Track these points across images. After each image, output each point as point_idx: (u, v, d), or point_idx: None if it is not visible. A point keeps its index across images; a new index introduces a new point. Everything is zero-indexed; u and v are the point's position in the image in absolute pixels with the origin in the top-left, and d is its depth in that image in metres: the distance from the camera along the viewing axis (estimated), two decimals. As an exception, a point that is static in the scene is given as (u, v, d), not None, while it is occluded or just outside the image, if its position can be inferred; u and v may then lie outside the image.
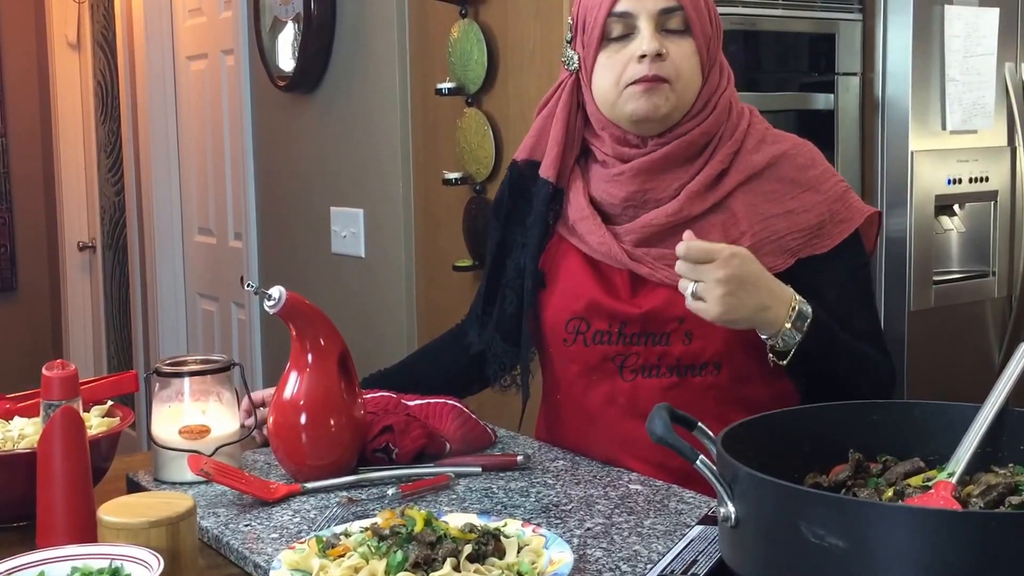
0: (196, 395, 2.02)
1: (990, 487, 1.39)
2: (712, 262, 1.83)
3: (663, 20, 2.00)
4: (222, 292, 5.20)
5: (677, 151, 2.04)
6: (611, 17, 2.02)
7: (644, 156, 2.06)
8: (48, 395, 1.68)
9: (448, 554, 1.45)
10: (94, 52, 6.25)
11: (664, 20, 2.00)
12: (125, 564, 1.46)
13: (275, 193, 4.55)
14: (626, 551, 1.63)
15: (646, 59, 1.98)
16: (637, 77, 2.00)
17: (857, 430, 1.57)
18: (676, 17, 2.00)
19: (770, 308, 1.88)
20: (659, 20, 2.00)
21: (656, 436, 1.38)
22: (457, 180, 3.50)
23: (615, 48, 2.03)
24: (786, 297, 1.90)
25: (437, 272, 3.71)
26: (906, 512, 1.27)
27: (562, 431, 2.20)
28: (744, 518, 1.34)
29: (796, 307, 1.90)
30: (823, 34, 3.53)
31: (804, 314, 1.90)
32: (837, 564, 1.23)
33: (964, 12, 3.56)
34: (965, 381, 3.54)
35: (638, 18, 2.00)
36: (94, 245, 6.48)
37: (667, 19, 2.00)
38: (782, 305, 1.89)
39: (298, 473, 1.97)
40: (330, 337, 2.00)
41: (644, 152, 2.06)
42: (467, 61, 3.43)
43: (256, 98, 4.59)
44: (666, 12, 2.00)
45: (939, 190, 3.57)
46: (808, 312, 1.91)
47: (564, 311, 2.13)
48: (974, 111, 3.62)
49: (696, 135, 2.04)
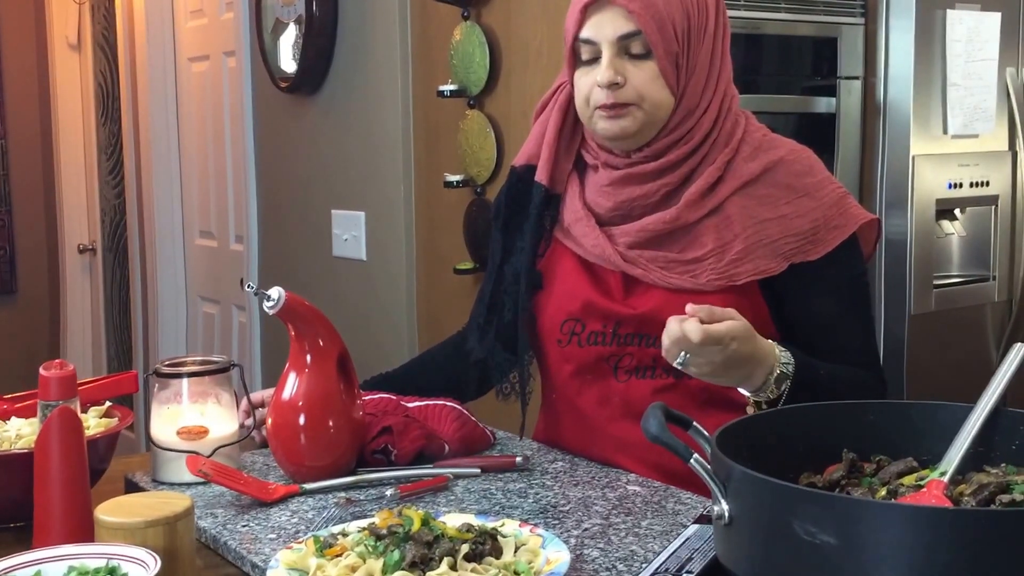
0: (195, 396, 2.03)
1: (982, 486, 1.40)
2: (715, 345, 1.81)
3: (625, 45, 2.01)
4: (223, 295, 5.20)
5: (663, 166, 2.06)
6: (577, 42, 2.04)
7: (630, 168, 2.07)
8: (45, 395, 1.67)
9: (445, 553, 1.45)
10: (95, 53, 6.25)
11: (625, 45, 2.01)
12: (122, 564, 1.46)
13: (276, 196, 4.55)
14: (623, 551, 1.63)
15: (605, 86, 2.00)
16: (598, 104, 2.02)
17: (851, 430, 1.58)
18: (637, 41, 2.00)
19: (752, 376, 1.88)
20: (620, 46, 2.01)
21: (651, 435, 1.39)
22: (458, 183, 3.50)
23: (585, 70, 2.05)
24: (769, 362, 1.90)
25: (438, 275, 3.71)
26: (897, 510, 1.28)
27: (559, 432, 2.21)
28: (737, 516, 1.35)
29: (777, 371, 1.89)
30: (825, 38, 3.53)
31: (785, 374, 1.90)
32: (829, 562, 1.23)
33: (966, 16, 3.56)
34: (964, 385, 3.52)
35: (600, 45, 2.01)
36: (94, 248, 6.47)
37: (628, 44, 2.01)
38: (764, 370, 1.89)
39: (296, 474, 1.97)
40: (329, 338, 2.00)
41: (631, 163, 2.07)
42: (469, 63, 3.43)
43: (257, 100, 4.59)
44: (625, 37, 2.00)
45: (940, 194, 3.57)
46: (790, 371, 1.90)
47: (560, 312, 2.13)
48: (975, 115, 3.62)
49: (682, 152, 2.05)
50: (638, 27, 1.98)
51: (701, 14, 2.04)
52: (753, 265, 2.02)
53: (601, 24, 2.01)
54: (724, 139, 2.07)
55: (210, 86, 5.10)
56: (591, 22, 2.02)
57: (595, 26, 2.01)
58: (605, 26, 2.00)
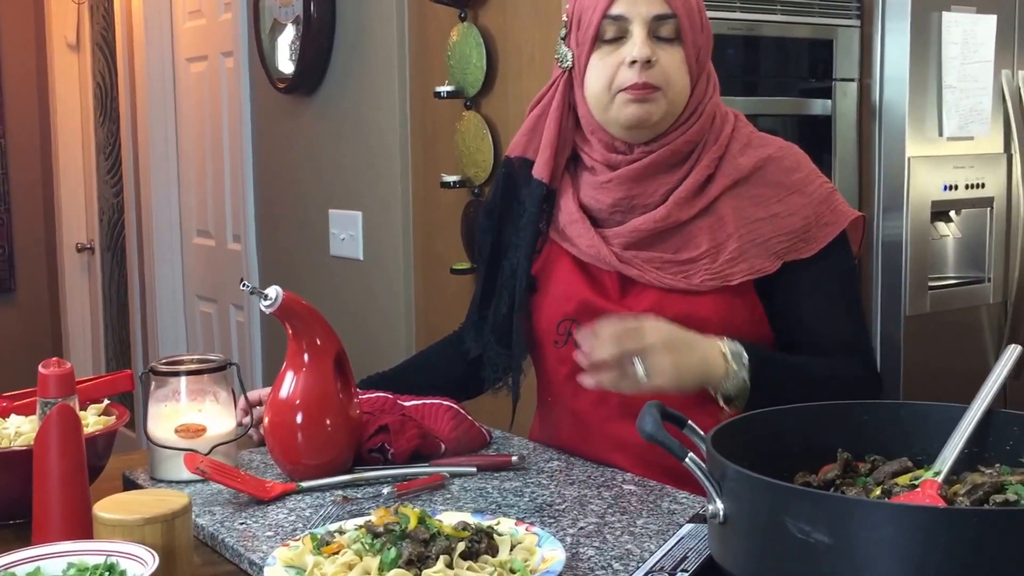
0: (192, 394, 2.04)
1: (976, 486, 1.40)
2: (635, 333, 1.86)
3: (656, 27, 2.01)
4: (220, 294, 5.20)
5: (662, 158, 2.06)
6: (606, 19, 2.03)
7: (630, 164, 2.07)
8: (44, 393, 1.68)
9: (441, 551, 1.46)
10: (93, 53, 6.25)
11: (657, 27, 2.01)
12: (120, 560, 1.46)
13: (274, 195, 4.56)
14: (618, 550, 1.64)
15: (636, 64, 2.00)
16: (627, 84, 2.01)
17: (846, 430, 1.58)
18: (669, 25, 2.01)
19: (708, 358, 1.91)
20: (652, 26, 2.01)
21: (646, 434, 1.39)
22: (455, 183, 3.51)
23: (608, 50, 2.04)
24: (714, 343, 1.93)
25: (435, 275, 3.72)
26: (892, 509, 1.28)
27: (555, 432, 2.22)
28: (732, 515, 1.35)
29: (727, 348, 1.92)
30: (821, 40, 3.54)
31: (736, 350, 1.92)
32: (823, 560, 1.24)
33: (962, 19, 3.57)
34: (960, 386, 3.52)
35: (632, 22, 2.01)
36: (92, 247, 6.48)
37: (660, 26, 2.01)
38: (715, 350, 1.92)
39: (294, 472, 1.98)
40: (326, 337, 2.00)
41: (631, 159, 2.07)
42: (466, 64, 3.44)
43: (255, 100, 4.60)
44: (659, 19, 2.01)
45: (935, 196, 3.58)
46: (739, 347, 1.93)
47: (556, 313, 2.14)
48: (971, 118, 3.63)
49: (681, 143, 2.06)
50: (672, 11, 2.00)
51: (704, 13, 2.07)
52: (747, 265, 2.03)
53: (636, 2, 2.01)
54: (714, 137, 2.09)
55: (208, 86, 5.10)
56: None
57: (630, 3, 2.01)
58: (640, 4, 2.01)
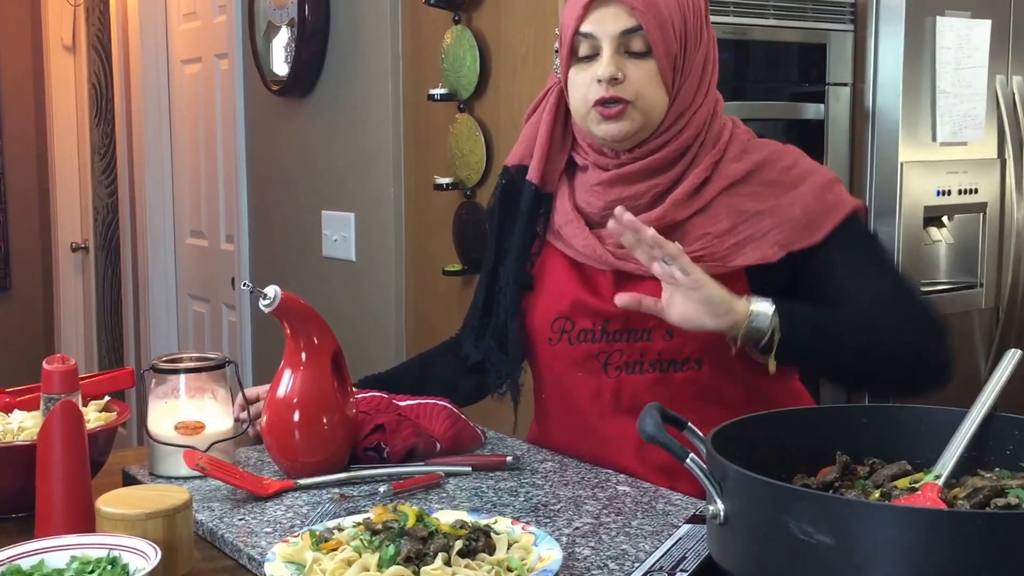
0: (191, 392, 2.04)
1: (976, 489, 1.40)
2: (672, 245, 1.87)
3: (625, 41, 2.02)
4: (213, 294, 5.21)
5: (650, 165, 2.07)
6: (577, 35, 2.05)
7: (620, 168, 2.09)
8: (48, 389, 1.70)
9: (439, 549, 1.47)
10: (89, 55, 6.26)
11: (626, 41, 2.02)
12: (123, 554, 1.48)
13: (267, 196, 4.56)
14: (614, 550, 1.65)
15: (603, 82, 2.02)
16: (595, 98, 2.03)
17: (844, 433, 1.58)
18: (638, 38, 2.01)
19: (731, 295, 1.90)
20: (620, 42, 2.02)
21: (647, 435, 1.40)
22: (448, 185, 3.51)
23: (583, 66, 2.06)
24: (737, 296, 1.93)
25: (427, 277, 3.72)
26: (895, 511, 1.29)
27: (550, 430, 2.23)
28: (733, 515, 1.36)
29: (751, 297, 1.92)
30: (814, 44, 3.54)
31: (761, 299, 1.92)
32: (825, 561, 1.24)
33: (956, 24, 3.58)
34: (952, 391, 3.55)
35: (601, 40, 2.02)
36: (87, 246, 6.49)
37: (629, 40, 2.02)
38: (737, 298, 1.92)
39: (291, 470, 1.99)
40: (323, 336, 2.01)
41: (620, 163, 2.09)
42: (459, 67, 3.45)
43: (249, 102, 4.60)
44: (627, 33, 2.01)
45: (928, 201, 3.59)
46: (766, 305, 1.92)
47: (550, 311, 2.15)
48: (964, 123, 3.64)
49: (671, 149, 2.06)
50: (640, 23, 2.00)
51: (697, 19, 2.06)
52: (746, 255, 2.03)
53: (603, 19, 2.02)
54: (712, 142, 2.09)
55: (202, 88, 5.11)
56: (593, 17, 2.03)
57: (597, 21, 2.02)
58: (607, 21, 2.01)
